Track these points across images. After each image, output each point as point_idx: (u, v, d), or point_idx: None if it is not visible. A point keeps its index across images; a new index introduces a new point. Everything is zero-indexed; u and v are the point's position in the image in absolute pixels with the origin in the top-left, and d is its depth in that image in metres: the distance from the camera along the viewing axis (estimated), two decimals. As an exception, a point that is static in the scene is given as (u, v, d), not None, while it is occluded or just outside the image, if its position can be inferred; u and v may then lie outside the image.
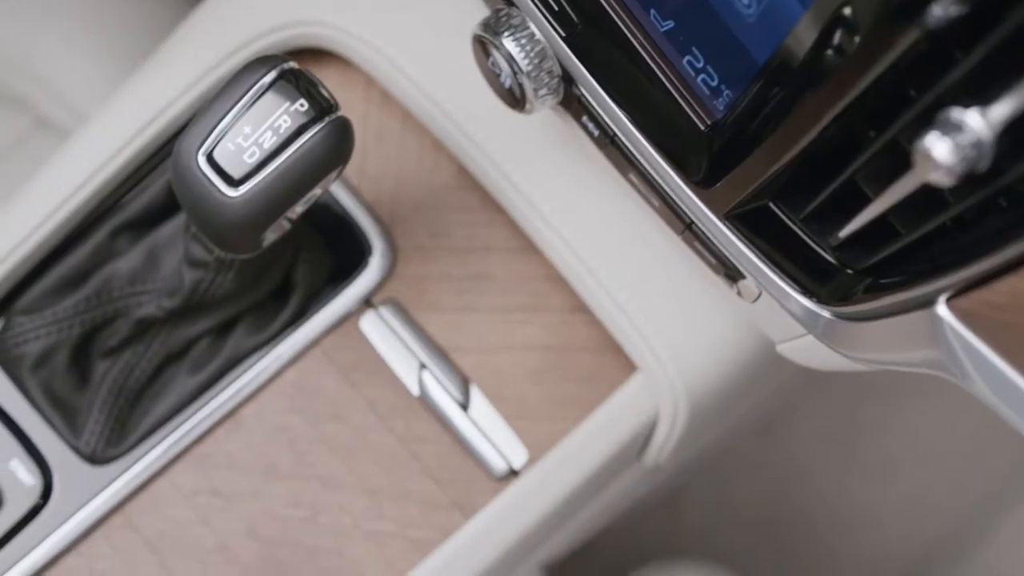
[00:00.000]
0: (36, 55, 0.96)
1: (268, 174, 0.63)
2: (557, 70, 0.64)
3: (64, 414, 0.75)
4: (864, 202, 0.56)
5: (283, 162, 0.63)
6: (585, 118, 0.67)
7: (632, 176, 0.67)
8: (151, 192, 0.77)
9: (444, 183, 0.77)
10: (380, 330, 0.76)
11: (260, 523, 0.75)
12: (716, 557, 0.98)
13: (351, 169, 0.77)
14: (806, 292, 0.60)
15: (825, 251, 0.59)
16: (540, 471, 0.75)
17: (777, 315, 0.64)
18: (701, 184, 0.61)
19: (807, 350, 0.65)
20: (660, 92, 0.60)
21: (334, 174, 0.65)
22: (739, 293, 0.67)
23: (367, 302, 0.76)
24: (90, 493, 0.75)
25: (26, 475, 0.75)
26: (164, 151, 0.78)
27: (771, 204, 0.59)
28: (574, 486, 0.75)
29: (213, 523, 0.75)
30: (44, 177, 0.77)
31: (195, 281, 0.72)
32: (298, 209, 0.66)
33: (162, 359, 0.76)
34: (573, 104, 0.67)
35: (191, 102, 0.76)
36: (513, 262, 0.77)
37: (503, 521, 0.75)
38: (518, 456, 0.75)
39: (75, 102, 0.95)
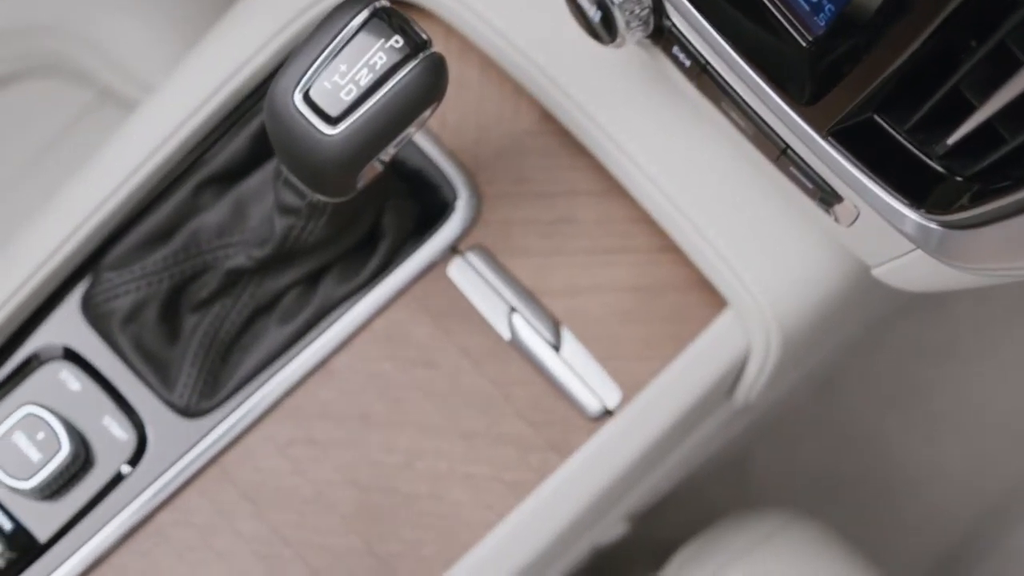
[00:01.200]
0: (96, 28, 0.97)
1: (366, 111, 0.63)
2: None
3: (156, 368, 0.76)
4: (967, 111, 0.57)
5: (380, 98, 0.63)
6: (676, 49, 0.67)
7: (724, 105, 0.67)
8: (233, 147, 0.77)
9: (526, 129, 0.77)
10: (468, 276, 0.76)
11: (356, 471, 0.75)
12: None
13: (432, 119, 0.77)
14: (913, 205, 0.60)
15: (932, 160, 0.59)
16: (634, 410, 0.75)
17: (877, 236, 0.64)
18: (803, 102, 0.61)
19: (909, 269, 0.65)
20: (759, 11, 0.61)
21: (428, 112, 0.65)
22: (835, 218, 0.67)
23: (454, 249, 0.77)
24: (184, 446, 0.75)
25: (120, 431, 0.75)
26: (244, 106, 0.78)
27: (875, 116, 0.60)
28: (667, 425, 0.75)
29: (309, 473, 0.75)
30: (125, 136, 0.77)
31: (286, 228, 0.72)
32: (391, 150, 0.66)
33: (252, 311, 0.76)
34: (663, 36, 0.67)
35: (271, 56, 0.77)
36: (597, 205, 0.77)
37: (598, 461, 0.75)
38: (611, 396, 0.75)
39: (137, 72, 0.96)
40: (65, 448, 0.73)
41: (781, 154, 0.66)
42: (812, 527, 0.88)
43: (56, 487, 0.74)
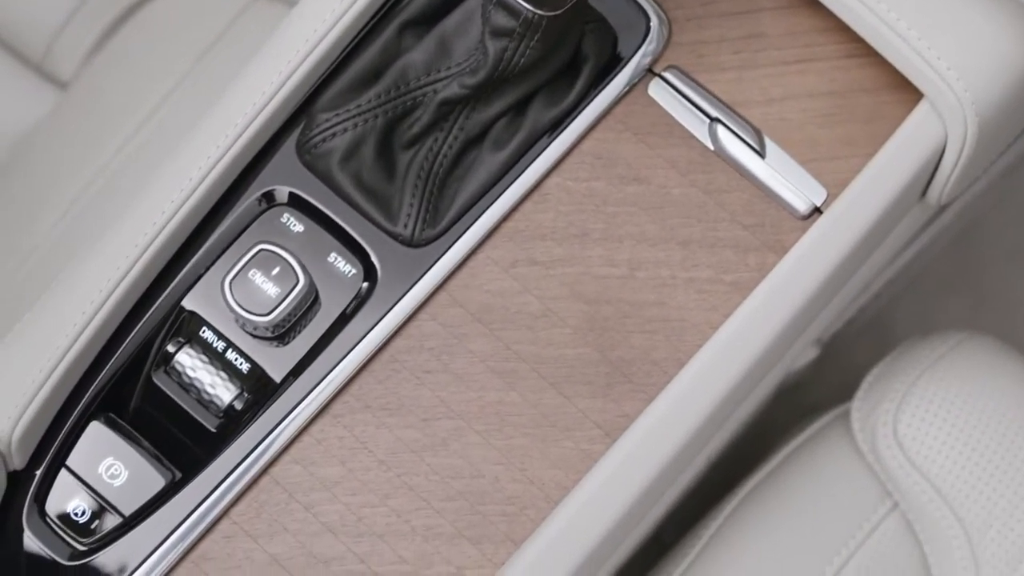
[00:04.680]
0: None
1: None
2: None
3: (377, 203, 0.78)
4: None
5: None
6: None
7: None
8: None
9: (706, -46, 0.81)
10: (668, 93, 0.79)
11: (581, 285, 0.77)
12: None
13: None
14: None
15: None
16: (841, 205, 0.77)
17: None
18: None
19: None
20: None
21: None
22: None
23: (650, 70, 0.79)
24: (413, 275, 0.77)
25: (346, 266, 0.77)
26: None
27: None
28: (873, 217, 0.77)
29: (535, 291, 0.77)
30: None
31: (500, 51, 0.74)
32: None
33: (463, 144, 0.78)
34: None
35: None
36: (784, 19, 0.80)
37: (813, 256, 0.77)
38: (818, 195, 0.78)
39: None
40: (302, 280, 0.75)
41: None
42: (990, 341, 0.90)
43: (291, 322, 0.76)
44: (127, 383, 0.77)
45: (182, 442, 0.77)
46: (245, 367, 0.76)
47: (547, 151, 0.78)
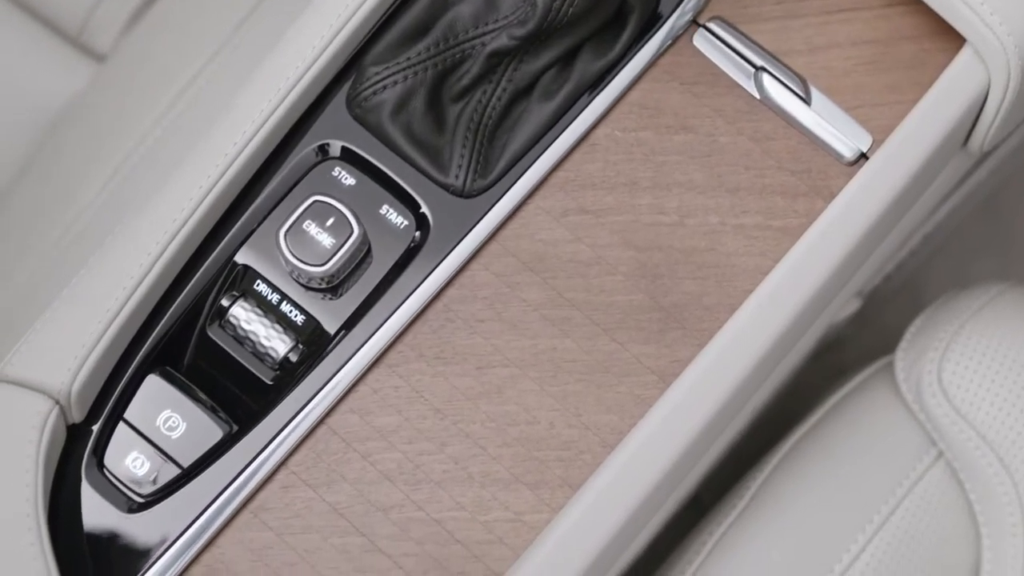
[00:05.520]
0: None
1: None
2: None
3: (428, 155, 0.78)
4: None
5: None
6: None
7: None
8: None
9: (746, -91, 0.82)
10: (713, 43, 0.80)
11: (631, 233, 0.78)
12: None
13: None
14: None
15: None
16: (887, 151, 0.78)
17: None
18: None
19: None
20: None
21: None
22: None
23: (695, 21, 0.80)
24: (465, 225, 0.78)
25: (398, 218, 0.78)
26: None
27: None
28: (918, 163, 0.78)
29: (586, 239, 0.78)
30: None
31: (549, 2, 0.75)
32: None
33: (511, 96, 0.79)
34: None
35: None
36: (825, -31, 0.81)
37: (860, 201, 0.78)
38: (864, 140, 0.79)
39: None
40: (356, 230, 0.75)
41: None
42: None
43: (346, 273, 0.76)
44: (182, 338, 0.78)
45: (238, 395, 0.77)
46: (300, 319, 0.77)
47: (595, 102, 0.79)
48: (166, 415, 0.76)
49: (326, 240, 0.76)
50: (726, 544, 0.90)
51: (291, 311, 0.77)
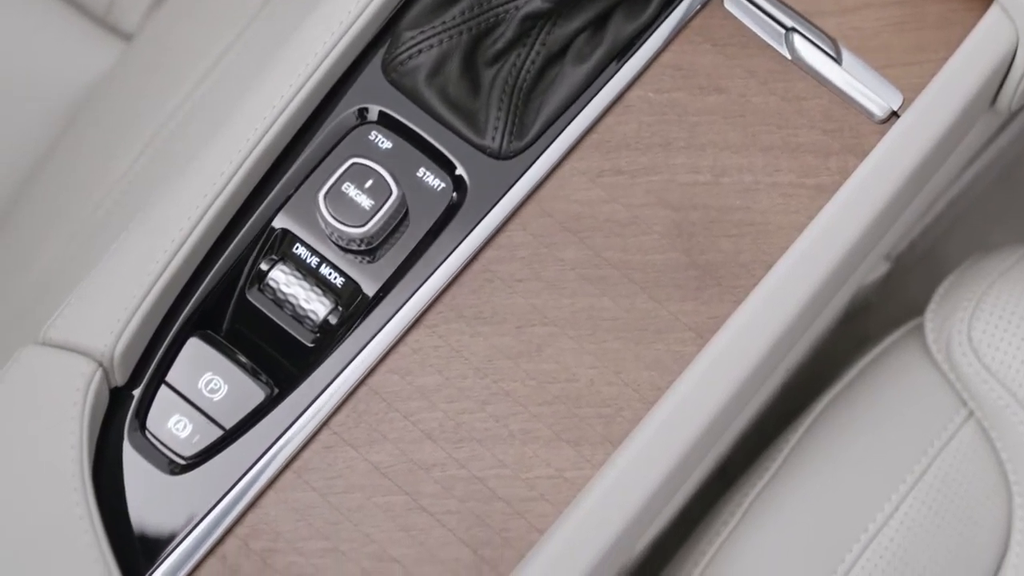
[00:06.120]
0: None
1: None
2: None
3: (464, 117, 0.79)
4: None
5: None
6: None
7: None
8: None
9: None
10: (743, 5, 0.81)
11: (667, 193, 0.79)
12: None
13: None
14: None
15: None
16: (918, 108, 0.79)
17: None
18: None
19: None
20: None
21: None
22: None
23: (726, -16, 0.81)
24: (502, 187, 0.78)
25: (435, 180, 0.78)
26: None
27: None
28: (948, 120, 0.79)
29: (622, 199, 0.79)
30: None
31: (582, -37, 0.76)
32: None
33: (545, 59, 0.80)
34: None
35: None
36: (853, -66, 0.82)
37: (893, 158, 0.78)
38: (895, 99, 0.80)
39: None
40: (395, 191, 0.76)
41: None
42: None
43: (385, 235, 0.77)
44: (222, 302, 0.78)
45: (278, 358, 0.78)
46: (339, 281, 0.77)
47: (628, 64, 0.80)
48: (208, 378, 0.77)
49: (365, 202, 0.76)
50: (759, 507, 0.90)
51: (330, 274, 0.78)
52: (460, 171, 0.79)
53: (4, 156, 1.04)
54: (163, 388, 0.77)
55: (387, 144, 0.79)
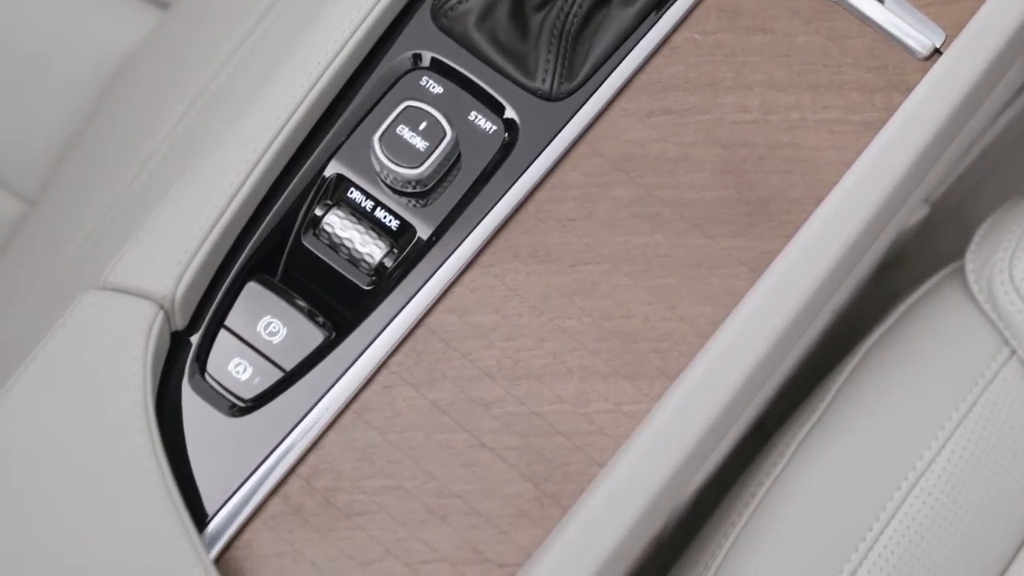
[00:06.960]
0: None
1: None
2: None
3: (514, 61, 0.80)
4: None
5: None
6: None
7: None
8: None
9: None
10: (786, -52, 0.82)
11: (716, 131, 0.80)
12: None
13: None
14: None
15: None
16: (960, 45, 0.80)
17: None
18: None
19: None
20: None
21: None
22: None
23: (761, -73, 0.83)
24: (553, 128, 0.79)
25: (487, 123, 0.79)
26: None
27: None
28: (989, 57, 0.80)
29: (672, 138, 0.80)
30: None
31: (628, -94, 0.77)
32: None
33: (592, 2, 0.81)
34: None
35: None
36: None
37: (937, 94, 0.79)
38: (937, 36, 0.81)
39: None
40: (449, 132, 0.77)
41: None
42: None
43: (440, 176, 0.78)
44: (278, 248, 0.79)
45: (334, 302, 0.78)
46: (394, 224, 0.78)
47: (675, 6, 0.81)
48: (266, 321, 0.78)
49: (419, 143, 0.77)
50: (804, 451, 0.91)
51: (385, 217, 0.79)
52: (511, 113, 0.79)
53: (46, 120, 1.05)
54: (222, 332, 0.78)
55: (438, 89, 0.80)
